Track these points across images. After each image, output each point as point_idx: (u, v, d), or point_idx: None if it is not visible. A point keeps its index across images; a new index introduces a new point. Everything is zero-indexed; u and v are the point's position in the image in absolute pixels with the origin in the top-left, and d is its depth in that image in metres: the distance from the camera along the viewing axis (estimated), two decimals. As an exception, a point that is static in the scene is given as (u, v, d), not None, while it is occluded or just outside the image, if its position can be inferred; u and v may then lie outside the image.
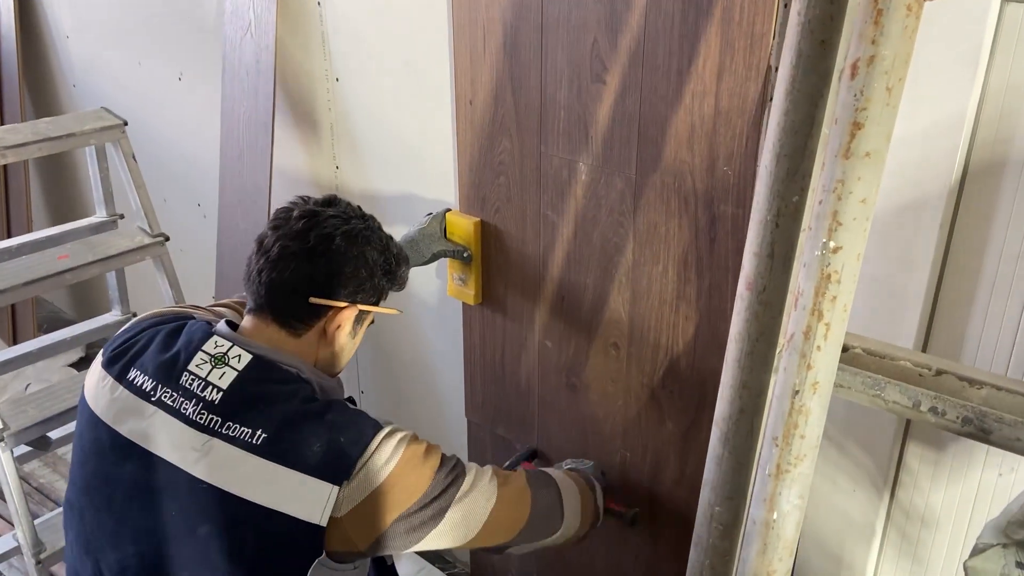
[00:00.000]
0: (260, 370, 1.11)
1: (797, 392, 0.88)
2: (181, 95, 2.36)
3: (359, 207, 1.22)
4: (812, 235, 0.86)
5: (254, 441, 1.05)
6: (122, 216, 2.02)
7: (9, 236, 2.76)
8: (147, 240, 1.91)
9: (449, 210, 1.65)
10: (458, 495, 1.13)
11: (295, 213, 1.15)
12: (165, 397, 1.10)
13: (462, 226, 1.64)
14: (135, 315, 2.18)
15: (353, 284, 1.15)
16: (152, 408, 1.10)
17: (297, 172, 2.08)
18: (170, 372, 1.11)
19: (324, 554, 1.05)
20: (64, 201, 3.11)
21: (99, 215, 2.00)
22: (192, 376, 1.10)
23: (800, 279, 0.88)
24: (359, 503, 1.06)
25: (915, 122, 1.12)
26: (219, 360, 1.11)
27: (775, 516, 0.91)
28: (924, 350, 1.25)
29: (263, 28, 1.87)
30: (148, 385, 1.11)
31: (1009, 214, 1.12)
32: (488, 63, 1.51)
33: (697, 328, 1.39)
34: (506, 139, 1.55)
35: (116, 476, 1.11)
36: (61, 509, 1.25)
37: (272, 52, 1.87)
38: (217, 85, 2.09)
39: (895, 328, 1.23)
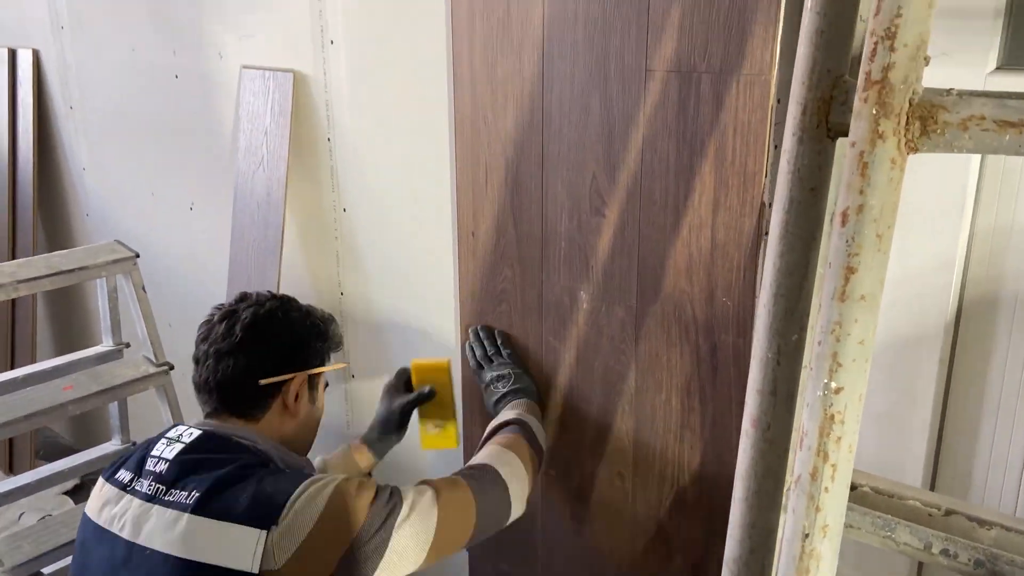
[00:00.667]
0: (206, 441, 1.20)
1: (807, 536, 0.87)
2: (191, 224, 2.42)
3: (269, 292, 1.36)
4: (813, 376, 0.86)
5: (188, 501, 1.11)
6: (128, 345, 2.04)
7: (13, 365, 2.77)
8: (152, 370, 1.92)
9: (401, 370, 1.60)
10: (398, 522, 1.15)
11: (214, 319, 1.30)
12: (136, 484, 1.18)
13: (431, 368, 1.58)
14: (135, 444, 2.17)
15: (291, 354, 1.28)
16: (126, 496, 1.18)
17: (304, 297, 2.10)
18: (141, 462, 1.20)
19: None
20: (70, 328, 3.14)
21: (105, 344, 2.02)
22: (153, 458, 1.19)
23: (804, 419, 0.88)
24: (296, 551, 1.07)
25: (909, 261, 1.15)
26: (173, 440, 1.20)
27: (791, 667, 0.88)
28: (932, 485, 1.23)
29: (275, 163, 1.95)
30: (127, 478, 1.20)
31: (1007, 347, 1.13)
32: (490, 197, 1.56)
33: (703, 458, 1.38)
34: (508, 268, 1.58)
35: (92, 563, 1.18)
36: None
37: (283, 185, 1.94)
38: (227, 215, 2.15)
39: (902, 463, 1.22)
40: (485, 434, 1.45)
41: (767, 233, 1.19)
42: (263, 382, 1.25)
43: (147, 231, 2.56)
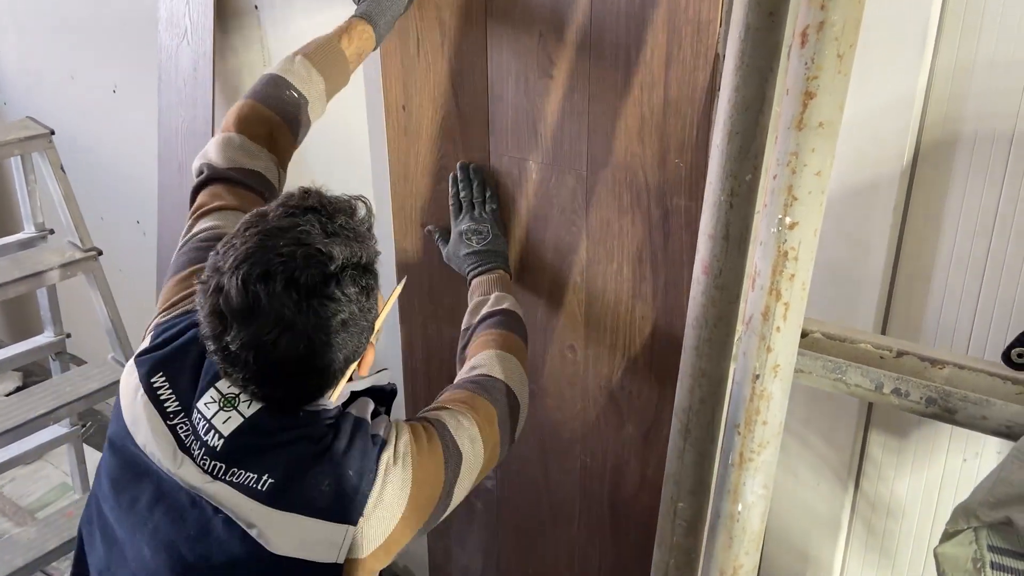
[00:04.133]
0: (270, 419, 0.97)
1: (757, 376, 0.85)
2: (116, 108, 2.28)
3: (295, 285, 0.89)
4: (768, 212, 0.83)
5: (260, 487, 0.95)
6: (52, 231, 1.93)
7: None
8: (78, 255, 1.82)
9: None
10: (458, 485, 1.06)
11: (264, 292, 0.88)
12: (180, 429, 0.98)
13: None
14: (69, 336, 2.08)
15: (343, 358, 0.95)
16: (167, 432, 0.98)
17: (239, 184, 2.01)
18: (189, 401, 0.98)
19: None
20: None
21: (27, 230, 1.91)
22: (200, 416, 0.97)
23: (757, 259, 0.85)
24: (384, 542, 0.99)
25: (864, 102, 1.11)
26: (228, 402, 0.97)
27: (740, 508, 0.88)
28: (884, 333, 1.23)
29: (200, 35, 1.81)
30: (171, 406, 0.99)
31: (963, 193, 1.11)
32: (423, 65, 1.47)
33: (654, 326, 1.36)
34: (448, 143, 1.51)
35: (137, 480, 1.00)
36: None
37: (210, 59, 1.81)
38: (154, 97, 2.02)
39: (853, 312, 1.22)
40: (472, 309, 1.34)
41: (721, 84, 1.14)
42: (308, 409, 0.98)
43: (70, 118, 2.41)
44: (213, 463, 0.96)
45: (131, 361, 1.04)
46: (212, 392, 0.96)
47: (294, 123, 1.24)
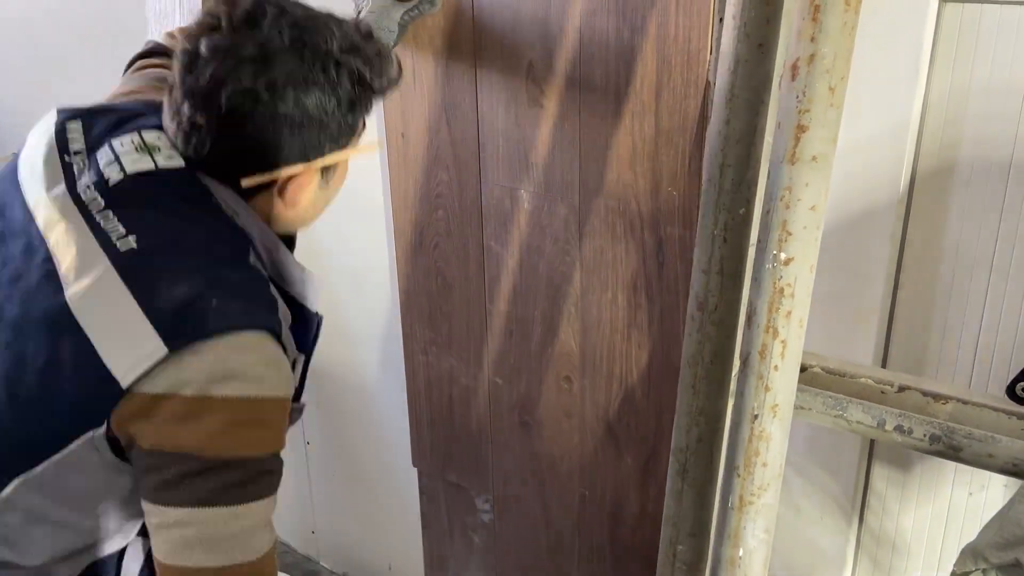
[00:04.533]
0: (184, 180, 0.86)
1: (756, 416, 0.82)
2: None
3: (295, 21, 0.85)
4: (761, 247, 0.81)
5: (118, 244, 0.81)
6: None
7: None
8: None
9: None
10: (244, 503, 0.81)
11: (201, 51, 0.82)
12: (75, 164, 0.88)
13: None
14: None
15: (297, 145, 0.86)
16: (58, 166, 0.88)
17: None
18: (97, 141, 0.89)
19: (104, 429, 0.79)
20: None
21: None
22: (108, 151, 0.87)
23: (752, 295, 0.83)
24: (167, 393, 0.78)
25: (859, 131, 1.09)
26: (147, 148, 0.86)
27: (741, 553, 0.85)
28: (884, 367, 1.21)
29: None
30: (76, 146, 0.89)
31: (961, 221, 1.09)
32: (419, 94, 1.46)
33: (651, 356, 1.34)
34: (442, 171, 1.50)
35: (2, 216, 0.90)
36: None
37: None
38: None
39: (852, 345, 1.19)
40: None
41: (711, 116, 1.12)
42: (247, 183, 0.86)
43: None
44: (94, 196, 0.84)
45: (52, 110, 0.94)
46: (133, 136, 0.87)
47: None
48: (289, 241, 1.00)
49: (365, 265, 1.76)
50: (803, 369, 1.02)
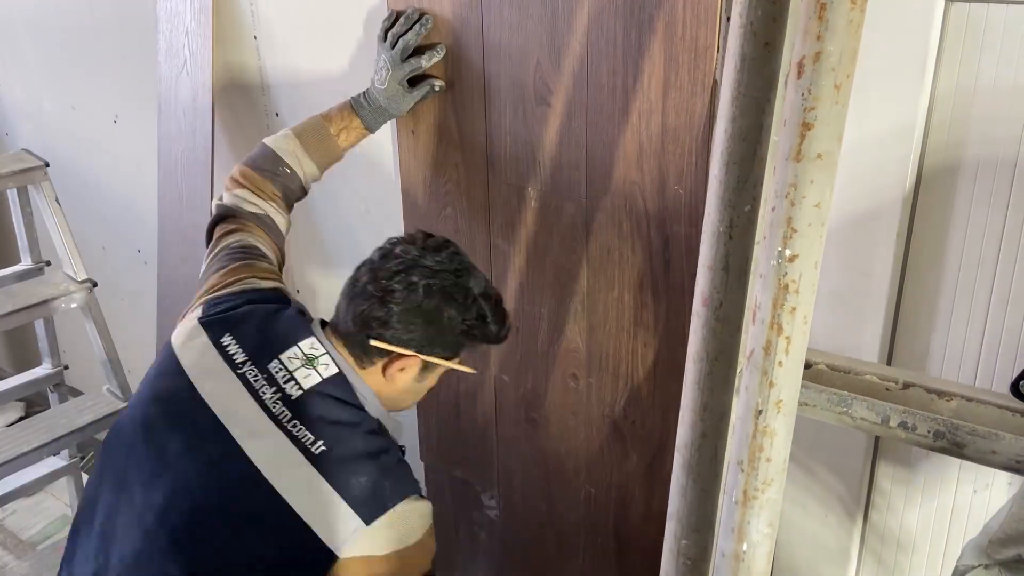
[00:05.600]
0: (338, 387, 1.14)
1: (760, 412, 0.83)
2: (117, 138, 2.28)
3: (463, 261, 1.21)
4: (767, 245, 0.81)
5: (313, 449, 1.08)
6: (48, 263, 1.93)
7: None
8: (73, 287, 1.81)
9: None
10: None
11: (397, 250, 1.18)
12: (250, 375, 1.13)
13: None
14: (67, 367, 2.07)
15: (421, 336, 1.16)
16: (235, 379, 1.13)
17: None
18: (262, 353, 1.14)
19: None
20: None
21: (24, 263, 1.91)
22: (281, 366, 1.14)
23: (757, 292, 0.83)
24: (368, 556, 1.07)
25: (865, 130, 1.09)
26: (310, 361, 1.15)
27: (744, 547, 0.85)
28: (889, 364, 1.21)
29: (199, 65, 1.82)
30: (239, 357, 1.14)
31: (966, 219, 1.09)
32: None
33: (657, 354, 1.35)
34: (451, 169, 1.50)
35: (179, 428, 1.13)
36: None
37: (209, 89, 1.81)
38: (154, 126, 2.02)
39: (858, 341, 1.20)
40: None
41: (718, 114, 1.12)
42: (374, 344, 1.15)
43: (71, 148, 2.41)
44: (283, 408, 1.11)
45: (192, 323, 1.19)
46: (295, 349, 1.15)
47: (288, 196, 1.41)
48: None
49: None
50: (808, 366, 1.02)
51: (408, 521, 1.11)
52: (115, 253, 2.45)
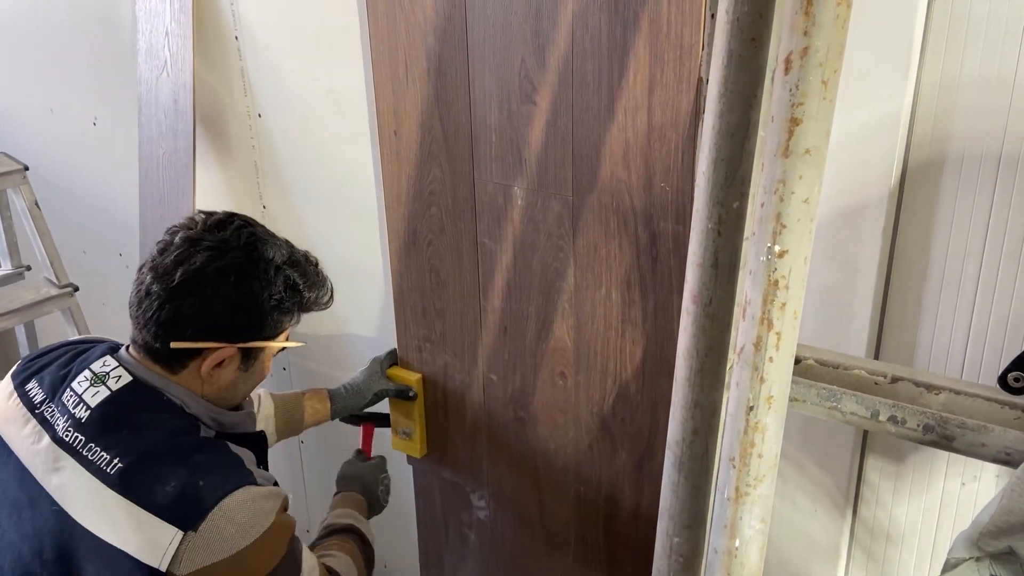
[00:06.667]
0: (135, 394, 1.07)
1: (751, 408, 0.83)
2: (96, 141, 2.26)
3: (253, 232, 1.11)
4: (756, 240, 0.81)
5: (108, 470, 1.00)
6: (29, 268, 1.90)
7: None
8: (54, 291, 1.80)
9: (394, 351, 1.65)
10: None
11: (176, 239, 1.08)
12: (47, 412, 1.07)
13: (404, 379, 1.65)
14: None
15: (227, 324, 1.08)
16: (32, 419, 1.07)
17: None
18: (57, 387, 1.09)
19: None
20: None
21: (4, 267, 1.88)
22: (72, 393, 1.07)
23: (747, 288, 0.83)
24: (205, 567, 0.98)
25: (850, 124, 1.10)
26: (99, 378, 1.07)
27: (737, 543, 0.85)
28: (876, 358, 1.21)
29: (179, 66, 1.80)
30: (39, 398, 1.09)
31: (951, 213, 1.10)
32: (412, 91, 1.46)
33: (645, 351, 1.34)
34: (435, 168, 1.49)
35: None
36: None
37: (190, 90, 1.79)
38: (134, 128, 2.00)
39: (845, 336, 1.20)
40: (325, 523, 1.42)
41: (705, 107, 1.12)
42: (176, 346, 1.06)
43: (50, 151, 2.38)
44: (76, 435, 1.03)
45: (5, 379, 1.15)
46: (86, 372, 1.08)
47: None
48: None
49: (359, 262, 1.76)
50: (797, 361, 1.02)
51: (242, 514, 1.01)
52: (96, 257, 2.42)
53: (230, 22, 1.75)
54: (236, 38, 1.76)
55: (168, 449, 1.03)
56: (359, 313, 1.81)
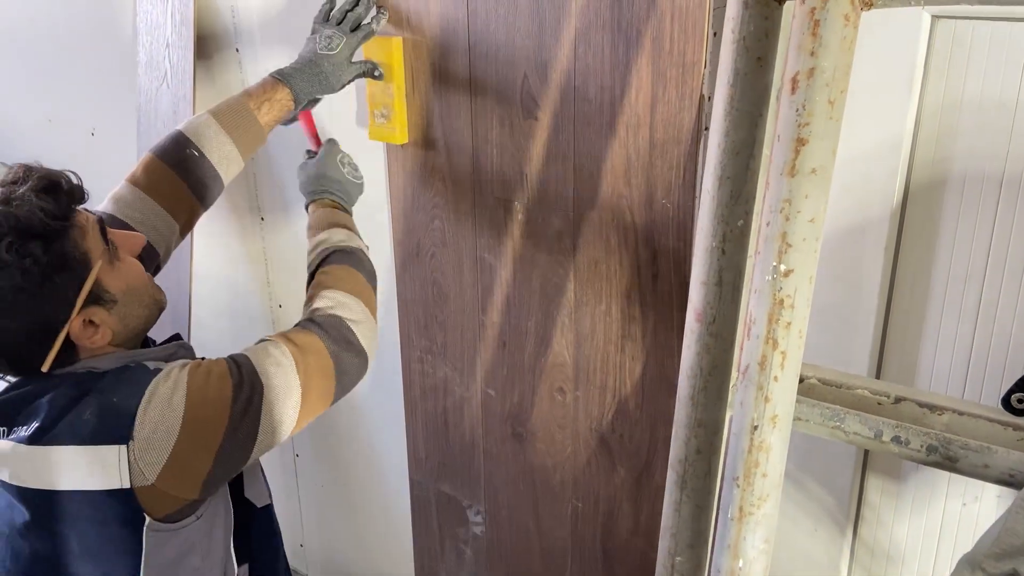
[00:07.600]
0: (22, 382, 1.06)
1: (756, 427, 0.82)
2: (95, 152, 2.25)
3: None
4: (761, 259, 0.81)
5: (26, 434, 0.99)
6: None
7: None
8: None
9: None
10: (264, 406, 1.03)
11: None
12: None
13: (381, 48, 1.42)
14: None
15: (26, 328, 0.99)
16: None
17: (223, 224, 1.98)
18: None
19: (149, 519, 1.00)
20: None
21: (2, 278, 1.86)
22: None
23: (751, 307, 0.83)
24: (166, 462, 0.98)
25: (853, 144, 1.10)
26: None
27: (740, 564, 0.85)
28: (878, 377, 1.21)
29: (180, 78, 1.80)
30: None
31: (953, 233, 1.10)
32: (417, 104, 1.46)
33: (644, 367, 1.34)
34: (438, 182, 1.50)
35: None
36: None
37: (190, 102, 1.79)
38: (133, 139, 2.00)
39: (847, 355, 1.20)
40: (309, 256, 1.31)
41: (707, 128, 1.13)
42: (46, 369, 1.03)
43: (47, 161, 2.36)
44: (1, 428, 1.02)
45: None
46: None
47: (195, 182, 1.28)
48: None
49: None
50: (800, 380, 1.02)
51: (160, 398, 0.99)
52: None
53: (231, 34, 1.75)
54: (237, 50, 1.76)
55: (73, 395, 1.01)
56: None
